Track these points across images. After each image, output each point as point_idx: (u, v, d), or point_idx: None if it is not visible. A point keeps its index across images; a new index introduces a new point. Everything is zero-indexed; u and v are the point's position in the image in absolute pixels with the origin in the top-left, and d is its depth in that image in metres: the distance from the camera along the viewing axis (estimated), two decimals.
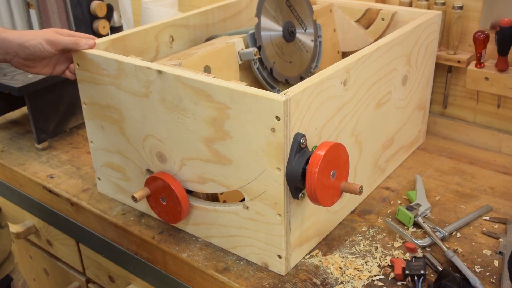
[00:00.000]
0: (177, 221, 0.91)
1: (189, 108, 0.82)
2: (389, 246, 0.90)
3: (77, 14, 1.47)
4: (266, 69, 1.05)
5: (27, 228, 1.25)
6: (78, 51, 0.92)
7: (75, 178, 1.12)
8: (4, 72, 1.22)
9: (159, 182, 0.89)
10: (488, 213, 0.98)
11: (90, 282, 1.23)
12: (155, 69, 0.83)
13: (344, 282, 0.83)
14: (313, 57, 1.14)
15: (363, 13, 1.21)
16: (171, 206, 0.90)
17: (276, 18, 1.06)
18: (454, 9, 1.16)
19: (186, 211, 0.90)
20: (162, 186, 0.89)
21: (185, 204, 0.89)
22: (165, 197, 0.90)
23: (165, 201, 0.90)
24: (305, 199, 0.82)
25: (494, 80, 1.13)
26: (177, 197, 0.88)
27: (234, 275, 0.85)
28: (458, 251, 0.89)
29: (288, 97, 0.72)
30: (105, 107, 0.95)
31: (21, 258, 1.41)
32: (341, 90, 0.85)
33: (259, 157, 0.77)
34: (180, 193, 0.88)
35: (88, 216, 1.05)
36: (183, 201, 0.88)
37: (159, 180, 0.89)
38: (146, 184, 0.91)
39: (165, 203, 0.90)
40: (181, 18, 1.11)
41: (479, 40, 1.12)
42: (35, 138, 1.22)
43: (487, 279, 0.83)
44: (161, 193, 0.90)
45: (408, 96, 1.08)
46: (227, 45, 1.01)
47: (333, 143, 0.76)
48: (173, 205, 0.89)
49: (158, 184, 0.90)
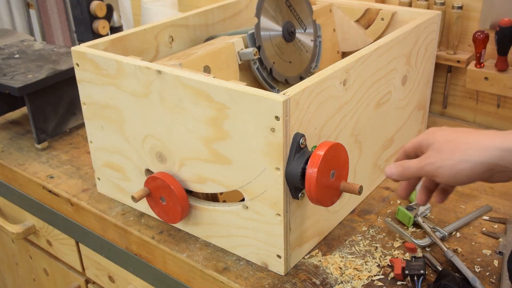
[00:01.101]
0: (176, 221, 0.91)
1: (188, 108, 0.82)
2: (389, 246, 0.90)
3: (77, 14, 1.47)
4: (265, 69, 1.05)
5: (27, 228, 1.25)
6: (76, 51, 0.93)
7: (75, 178, 1.13)
8: (4, 72, 1.22)
9: (158, 182, 0.89)
10: (488, 213, 0.98)
11: (90, 282, 1.23)
12: (154, 69, 0.83)
13: (343, 282, 0.83)
14: (313, 57, 1.14)
15: (362, 13, 1.21)
16: (170, 206, 0.90)
17: (275, 18, 1.06)
18: (454, 9, 1.16)
19: (186, 211, 0.90)
20: (161, 186, 0.89)
21: (185, 204, 0.89)
22: (165, 197, 0.90)
23: (164, 201, 0.90)
24: (304, 199, 0.82)
25: (494, 80, 1.13)
26: (177, 197, 0.88)
27: (234, 275, 0.85)
28: (458, 251, 0.89)
29: (288, 97, 0.72)
30: (105, 107, 0.95)
31: (21, 258, 1.41)
32: (341, 90, 0.85)
33: (259, 157, 0.78)
34: (179, 193, 0.88)
35: (88, 216, 1.05)
36: (182, 201, 0.88)
37: (158, 180, 0.89)
38: (146, 184, 0.91)
39: (165, 203, 0.90)
40: (181, 18, 1.11)
41: (478, 40, 1.12)
42: (35, 138, 1.22)
43: (487, 279, 0.83)
44: (161, 193, 0.90)
45: (408, 96, 1.08)
46: (227, 45, 1.01)
47: (332, 143, 0.76)
48: (172, 205, 0.89)
49: (158, 184, 0.90)
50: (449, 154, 0.62)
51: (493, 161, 0.61)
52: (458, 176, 0.62)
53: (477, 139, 0.62)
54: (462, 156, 0.62)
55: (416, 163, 0.65)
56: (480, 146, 0.61)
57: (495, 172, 0.62)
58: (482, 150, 0.61)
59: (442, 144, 0.64)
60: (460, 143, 0.62)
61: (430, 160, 0.64)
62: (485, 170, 0.62)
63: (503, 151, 0.60)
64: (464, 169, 0.62)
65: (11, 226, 1.25)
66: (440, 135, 0.65)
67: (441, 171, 0.63)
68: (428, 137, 0.66)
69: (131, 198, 0.90)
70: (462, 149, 0.62)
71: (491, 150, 0.61)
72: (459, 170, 0.62)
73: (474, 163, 0.61)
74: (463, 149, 0.62)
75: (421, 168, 0.65)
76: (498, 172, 0.62)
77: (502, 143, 0.60)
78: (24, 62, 1.28)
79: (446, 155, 0.63)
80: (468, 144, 0.62)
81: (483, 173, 0.62)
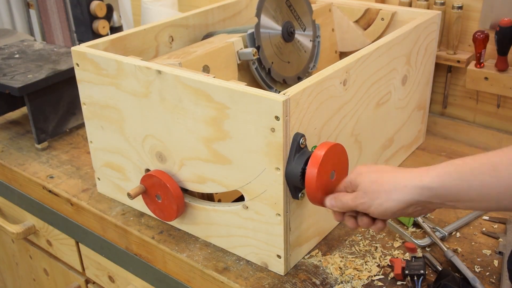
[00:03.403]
0: (172, 219, 0.91)
1: (188, 108, 0.82)
2: (389, 246, 0.90)
3: (77, 14, 1.47)
4: (264, 69, 1.05)
5: (27, 228, 1.25)
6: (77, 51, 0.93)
7: (75, 178, 1.13)
8: (4, 72, 1.22)
9: (154, 179, 0.89)
10: (488, 213, 0.98)
11: (90, 282, 1.23)
12: (154, 69, 0.83)
13: (343, 282, 0.83)
14: (311, 57, 1.14)
15: (362, 13, 1.21)
16: (166, 204, 0.90)
17: (275, 18, 1.06)
18: (454, 9, 1.16)
19: (181, 210, 0.90)
20: (157, 184, 0.89)
21: (180, 203, 0.89)
22: (161, 195, 0.90)
23: (160, 199, 0.90)
24: (304, 199, 0.82)
25: (494, 80, 1.13)
26: (172, 195, 0.88)
27: (233, 275, 0.85)
28: (458, 251, 0.89)
29: (288, 97, 0.72)
30: (105, 107, 0.95)
31: (21, 258, 1.41)
32: (341, 90, 0.85)
33: (259, 157, 0.78)
34: (175, 191, 0.88)
35: (88, 216, 1.05)
36: (178, 199, 0.88)
37: (154, 178, 0.89)
38: (142, 181, 0.92)
39: (160, 201, 0.91)
40: (181, 18, 1.11)
41: (478, 40, 1.12)
42: (35, 138, 1.22)
43: (487, 279, 0.83)
44: (157, 191, 0.90)
45: (408, 96, 1.08)
46: (226, 44, 1.01)
47: (332, 143, 0.76)
48: (168, 203, 0.89)
49: (154, 182, 0.90)
50: (375, 194, 0.70)
51: (413, 198, 0.68)
52: (386, 212, 0.70)
53: (397, 180, 0.69)
54: (386, 195, 0.69)
55: (352, 201, 0.73)
56: (401, 186, 0.68)
57: (417, 207, 0.69)
58: (403, 189, 0.68)
59: (368, 185, 0.71)
60: (384, 183, 0.70)
61: (361, 200, 0.71)
62: (407, 206, 0.69)
63: (421, 188, 0.67)
64: (389, 207, 0.69)
65: (11, 226, 1.25)
66: (366, 176, 0.72)
67: (372, 209, 0.71)
68: (356, 178, 0.73)
69: (127, 195, 0.90)
70: (386, 189, 0.69)
71: (410, 188, 0.67)
72: (386, 208, 0.69)
73: (397, 201, 0.68)
74: (387, 190, 0.69)
75: (356, 206, 0.72)
76: (419, 207, 0.69)
77: (420, 182, 0.67)
78: (24, 62, 1.28)
79: (373, 195, 0.70)
80: (390, 185, 0.69)
81: (406, 209, 0.69)
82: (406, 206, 0.68)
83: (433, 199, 0.67)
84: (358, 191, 0.72)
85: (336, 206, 0.75)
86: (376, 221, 0.74)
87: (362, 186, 0.72)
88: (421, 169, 0.68)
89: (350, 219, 0.76)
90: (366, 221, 0.74)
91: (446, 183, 0.65)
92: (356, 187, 0.73)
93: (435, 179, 0.66)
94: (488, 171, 0.63)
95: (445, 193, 0.66)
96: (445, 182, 0.65)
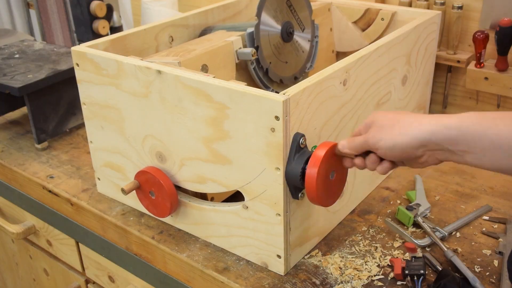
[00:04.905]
0: (165, 215, 0.91)
1: (188, 108, 0.82)
2: (389, 246, 0.90)
3: (77, 14, 1.47)
4: (262, 69, 1.05)
5: (27, 228, 1.25)
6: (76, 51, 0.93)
7: (75, 178, 1.13)
8: (4, 72, 1.22)
9: (148, 176, 0.90)
10: (488, 213, 0.98)
11: (90, 282, 1.23)
12: (154, 69, 0.83)
13: (343, 282, 0.83)
14: (308, 57, 1.14)
15: (362, 13, 1.21)
16: (159, 200, 0.90)
17: (275, 18, 1.06)
18: (454, 9, 1.16)
19: (174, 206, 0.90)
20: (151, 181, 0.90)
21: (174, 199, 0.89)
22: (154, 192, 0.90)
23: (154, 195, 0.91)
24: (304, 199, 0.82)
25: (494, 80, 1.13)
26: (166, 192, 0.88)
27: (233, 275, 0.85)
28: (458, 251, 0.89)
29: (288, 97, 0.72)
30: (105, 107, 0.95)
31: (21, 258, 1.41)
32: (341, 90, 0.85)
33: (259, 157, 0.78)
34: (169, 188, 0.88)
35: (88, 216, 1.05)
36: (172, 196, 0.89)
37: (148, 174, 0.90)
38: (136, 177, 0.92)
39: (154, 197, 0.91)
40: (181, 18, 1.11)
41: (478, 40, 1.12)
42: (35, 138, 1.22)
43: (487, 279, 0.83)
44: (151, 187, 0.90)
45: (408, 96, 1.08)
46: (225, 43, 1.01)
47: (332, 143, 0.76)
48: (161, 199, 0.90)
49: (148, 178, 0.90)
50: (389, 129, 0.70)
51: (426, 138, 0.67)
52: (395, 147, 0.69)
53: (414, 118, 0.69)
54: (400, 130, 0.69)
55: (362, 137, 0.73)
56: (417, 123, 0.68)
57: (427, 150, 0.69)
58: (418, 126, 0.68)
59: (384, 121, 0.71)
60: (400, 120, 0.70)
61: (372, 134, 0.72)
62: (419, 145, 0.68)
63: (438, 126, 0.66)
64: (399, 142, 0.69)
65: (11, 226, 1.25)
66: (382, 114, 0.73)
67: (381, 143, 0.70)
68: (373, 118, 0.73)
69: (121, 191, 0.90)
70: (401, 125, 0.69)
71: (426, 125, 0.67)
72: (396, 143, 0.69)
73: (410, 136, 0.68)
74: (402, 125, 0.69)
75: (366, 141, 0.72)
76: (429, 150, 0.69)
77: (439, 121, 0.67)
78: (24, 62, 1.28)
79: (387, 129, 0.70)
80: (406, 122, 0.69)
81: (416, 148, 0.68)
82: (417, 146, 0.68)
83: (445, 142, 0.66)
84: (373, 128, 0.72)
85: (348, 147, 0.75)
86: (383, 161, 0.74)
87: (378, 122, 0.71)
88: (440, 115, 0.69)
89: (358, 158, 0.76)
90: (373, 159, 0.74)
91: (463, 126, 0.65)
92: (371, 126, 0.73)
93: (455, 119, 0.66)
94: (509, 121, 0.63)
95: (460, 137, 0.65)
96: (463, 124, 0.65)
